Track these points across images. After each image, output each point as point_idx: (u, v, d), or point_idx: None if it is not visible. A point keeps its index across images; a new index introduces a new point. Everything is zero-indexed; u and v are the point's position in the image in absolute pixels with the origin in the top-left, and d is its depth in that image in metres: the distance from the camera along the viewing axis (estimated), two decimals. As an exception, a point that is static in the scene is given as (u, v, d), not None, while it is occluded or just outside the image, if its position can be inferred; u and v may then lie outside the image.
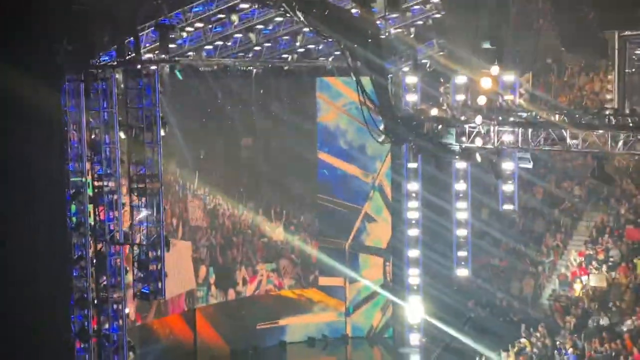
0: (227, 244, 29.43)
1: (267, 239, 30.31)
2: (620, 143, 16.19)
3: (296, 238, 30.63)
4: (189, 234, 28.49)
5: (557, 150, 17.88)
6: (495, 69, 17.71)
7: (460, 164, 24.80)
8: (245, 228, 29.82)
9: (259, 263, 30.10)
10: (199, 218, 28.64)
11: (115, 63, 20.20)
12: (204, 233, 28.81)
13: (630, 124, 15.83)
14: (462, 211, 28.78)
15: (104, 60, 20.58)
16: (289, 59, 27.72)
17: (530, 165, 19.80)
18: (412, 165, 28.76)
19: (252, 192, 29.79)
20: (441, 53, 27.23)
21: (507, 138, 17.76)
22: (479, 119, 17.31)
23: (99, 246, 19.94)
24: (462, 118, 19.45)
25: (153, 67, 19.70)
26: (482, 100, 17.14)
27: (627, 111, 18.48)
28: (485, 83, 17.44)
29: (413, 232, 28.72)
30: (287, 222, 30.61)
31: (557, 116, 16.98)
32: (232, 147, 29.25)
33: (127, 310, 20.83)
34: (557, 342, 25.26)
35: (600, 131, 16.16)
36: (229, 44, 25.13)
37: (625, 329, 25.45)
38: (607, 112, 16.60)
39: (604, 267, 27.95)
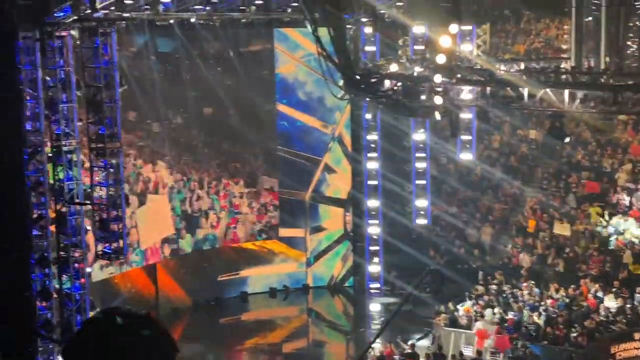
0: (195, 197, 29.50)
1: (228, 191, 30.32)
2: (577, 101, 16.40)
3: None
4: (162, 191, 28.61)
5: (515, 107, 18.07)
6: (453, 27, 17.75)
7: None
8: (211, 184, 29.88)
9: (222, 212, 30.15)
10: (167, 176, 28.69)
11: (71, 20, 19.89)
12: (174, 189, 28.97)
13: (587, 82, 16.01)
14: (420, 161, 29.16)
15: (59, 17, 20.20)
16: (247, 11, 27.41)
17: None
18: (371, 116, 29.07)
19: (215, 149, 29.77)
20: (400, 4, 27.11)
21: (466, 96, 17.90)
22: (437, 77, 17.38)
23: (59, 206, 19.86)
24: (420, 72, 19.49)
25: (109, 25, 19.45)
26: (441, 59, 17.19)
27: (584, 62, 18.63)
28: (444, 42, 17.48)
29: (372, 182, 29.08)
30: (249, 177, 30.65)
31: (514, 74, 17.11)
32: (193, 107, 29.02)
33: (88, 269, 20.87)
34: (514, 290, 25.78)
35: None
36: (186, -4, 24.83)
37: (580, 274, 26.10)
38: (563, 69, 16.75)
39: (558, 215, 28.53)
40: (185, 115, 29.05)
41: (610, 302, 24.08)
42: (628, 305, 23.90)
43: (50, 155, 19.91)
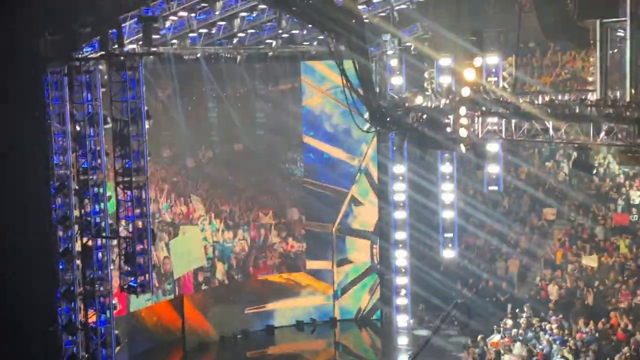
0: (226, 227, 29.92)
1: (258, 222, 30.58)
2: (602, 134, 16.29)
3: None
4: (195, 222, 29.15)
5: (540, 141, 17.97)
6: (478, 60, 17.75)
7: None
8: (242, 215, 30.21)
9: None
10: (200, 208, 29.21)
11: (98, 55, 20.14)
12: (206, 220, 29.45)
13: (611, 115, 15.90)
14: (447, 193, 28.95)
15: (86, 52, 20.47)
16: (273, 44, 27.62)
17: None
18: (397, 148, 28.97)
19: (245, 182, 30.06)
20: (425, 36, 27.18)
21: (491, 128, 17.84)
22: (462, 110, 17.35)
23: (85, 239, 19.97)
24: (446, 105, 19.47)
25: (137, 59, 19.63)
26: (466, 92, 17.17)
27: (610, 95, 18.48)
28: (469, 75, 17.47)
29: (400, 214, 28.91)
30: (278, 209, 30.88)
31: (539, 106, 17.04)
32: (222, 144, 29.48)
33: (114, 301, 20.91)
34: (542, 323, 25.49)
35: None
36: (213, 31, 25.01)
37: (610, 308, 25.76)
38: (588, 102, 16.65)
39: (587, 247, 28.27)
40: (216, 151, 29.53)
41: (641, 336, 23.71)
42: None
43: (77, 188, 20.06)
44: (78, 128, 20.16)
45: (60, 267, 19.90)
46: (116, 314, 25.56)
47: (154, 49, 21.46)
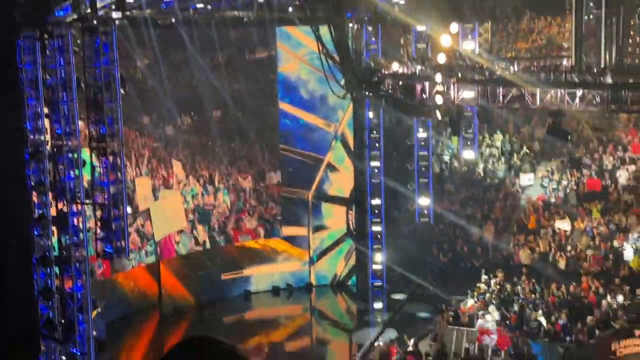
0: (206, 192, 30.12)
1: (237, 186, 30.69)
2: (577, 100, 16.39)
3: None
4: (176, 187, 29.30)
5: (515, 108, 18.06)
6: (454, 27, 17.73)
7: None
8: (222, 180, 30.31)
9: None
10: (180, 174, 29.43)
11: (72, 19, 19.89)
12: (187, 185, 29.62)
13: (586, 81, 15.99)
14: (423, 159, 29.09)
15: (59, 16, 20.20)
16: (249, 9, 27.41)
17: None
18: (374, 114, 29.00)
19: (224, 149, 30.14)
20: (401, 2, 27.07)
21: (467, 95, 17.88)
22: (438, 77, 17.38)
23: (60, 205, 19.87)
24: (422, 71, 19.49)
25: (110, 24, 19.44)
26: (442, 58, 17.18)
27: (584, 61, 18.58)
28: (445, 41, 17.46)
29: (376, 180, 29.01)
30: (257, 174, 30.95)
31: (515, 73, 17.09)
32: (201, 111, 29.44)
33: (90, 268, 20.87)
34: (516, 287, 25.75)
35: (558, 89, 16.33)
36: (188, -4, 24.84)
37: (582, 272, 26.08)
38: (563, 68, 16.73)
39: (561, 212, 28.56)
40: (195, 118, 29.72)
41: (611, 299, 24.05)
42: (629, 302, 23.87)
43: (51, 154, 19.90)
44: (51, 93, 19.93)
45: (36, 233, 19.78)
46: (100, 275, 25.82)
47: (127, 13, 21.23)
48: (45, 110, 20.00)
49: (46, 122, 19.97)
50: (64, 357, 20.12)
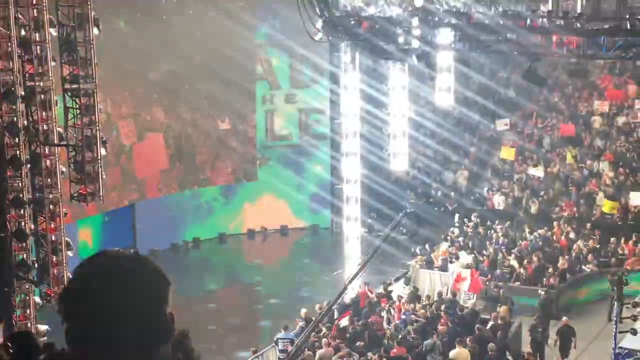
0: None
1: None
2: (553, 45, 16.36)
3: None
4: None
5: (493, 51, 18.01)
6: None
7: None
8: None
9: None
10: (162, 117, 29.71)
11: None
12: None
13: (563, 26, 15.96)
14: (399, 103, 28.97)
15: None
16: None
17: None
18: (349, 57, 28.78)
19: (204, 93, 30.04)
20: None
21: (443, 39, 17.80)
22: (415, 20, 17.27)
23: (33, 147, 19.63)
24: (399, 15, 19.35)
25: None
26: (419, 1, 17.05)
27: (561, 6, 18.53)
28: (421, -17, 17.33)
29: (351, 124, 28.91)
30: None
31: (492, 17, 17.02)
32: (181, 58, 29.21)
33: (64, 210, 20.70)
34: (489, 231, 26.01)
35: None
36: None
37: (554, 216, 26.36)
38: (540, 13, 16.68)
39: (534, 157, 28.73)
40: (177, 63, 29.50)
41: (582, 244, 24.37)
42: (599, 246, 24.23)
43: (23, 95, 19.58)
44: (23, 32, 19.53)
45: (8, 174, 19.53)
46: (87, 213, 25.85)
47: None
48: (18, 50, 19.63)
49: (18, 62, 19.60)
50: (37, 298, 20.09)
